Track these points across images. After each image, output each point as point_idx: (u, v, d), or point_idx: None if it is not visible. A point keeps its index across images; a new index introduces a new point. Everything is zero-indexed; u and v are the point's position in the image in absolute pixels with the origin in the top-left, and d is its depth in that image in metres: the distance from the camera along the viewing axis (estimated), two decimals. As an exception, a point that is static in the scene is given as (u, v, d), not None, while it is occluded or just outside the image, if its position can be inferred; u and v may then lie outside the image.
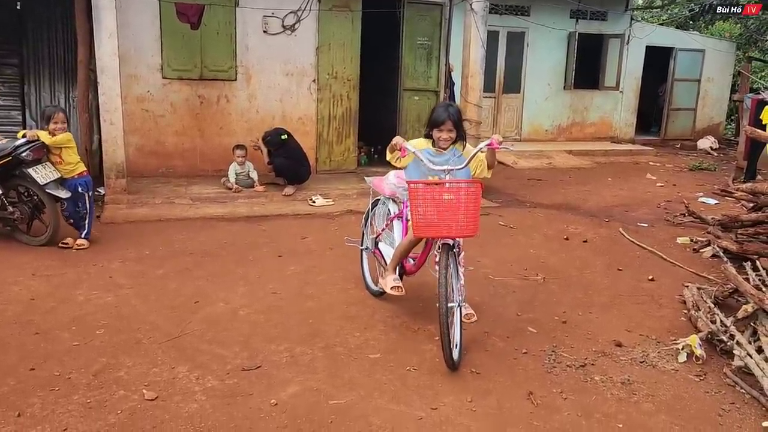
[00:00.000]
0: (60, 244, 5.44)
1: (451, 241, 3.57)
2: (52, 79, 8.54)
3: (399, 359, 3.63)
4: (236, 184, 7.64)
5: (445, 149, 3.79)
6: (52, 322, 3.96)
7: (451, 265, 3.54)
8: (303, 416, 3.02)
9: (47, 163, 5.39)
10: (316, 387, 3.30)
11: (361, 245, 4.69)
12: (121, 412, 3.00)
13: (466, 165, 3.70)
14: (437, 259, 3.60)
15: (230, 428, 2.91)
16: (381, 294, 4.39)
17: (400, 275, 4.16)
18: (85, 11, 7.01)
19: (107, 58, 6.71)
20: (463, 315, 3.64)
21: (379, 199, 4.51)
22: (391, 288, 3.93)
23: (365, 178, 4.87)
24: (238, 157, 7.72)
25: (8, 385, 3.19)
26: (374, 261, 4.60)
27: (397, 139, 3.78)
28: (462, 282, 3.64)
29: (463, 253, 3.72)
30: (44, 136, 5.35)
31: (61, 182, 5.43)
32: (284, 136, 7.68)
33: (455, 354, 3.49)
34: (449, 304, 3.48)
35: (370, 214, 4.60)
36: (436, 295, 3.52)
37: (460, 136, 3.80)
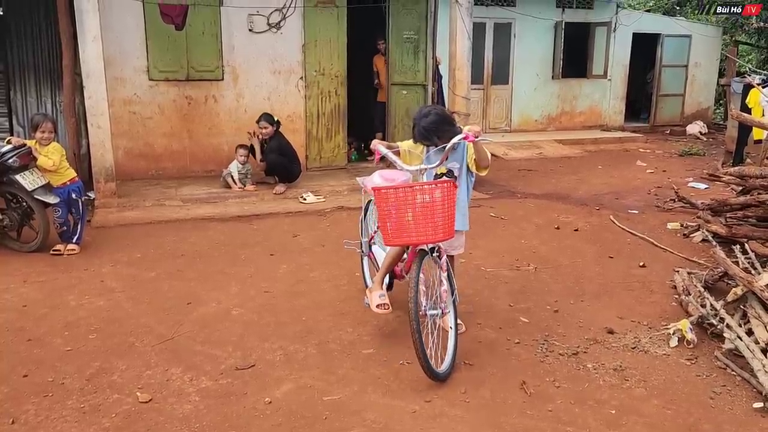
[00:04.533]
0: (51, 251, 5.42)
1: (426, 246, 3.40)
2: (38, 85, 8.50)
3: (392, 353, 3.64)
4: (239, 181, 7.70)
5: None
6: (44, 329, 3.95)
7: (434, 271, 3.40)
8: (297, 413, 3.04)
9: (34, 169, 5.37)
10: (310, 384, 3.31)
11: (360, 248, 4.46)
12: (115, 416, 3.00)
13: (438, 164, 3.50)
14: (413, 266, 3.39)
15: (225, 428, 2.92)
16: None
17: (391, 280, 4.00)
18: (68, 15, 6.96)
19: (92, 62, 6.68)
20: (449, 325, 3.52)
21: (371, 200, 4.26)
22: (377, 306, 3.66)
23: (356, 178, 4.70)
24: (241, 156, 7.71)
25: (2, 393, 3.19)
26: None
27: (373, 143, 3.64)
28: (445, 287, 3.46)
29: (444, 257, 3.47)
30: (44, 161, 5.34)
31: (49, 188, 5.41)
32: (276, 119, 7.71)
33: (443, 366, 3.35)
34: (430, 312, 3.39)
35: (362, 216, 4.40)
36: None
37: (453, 132, 3.53)
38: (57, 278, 4.86)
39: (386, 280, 3.89)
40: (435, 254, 3.47)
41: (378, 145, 3.61)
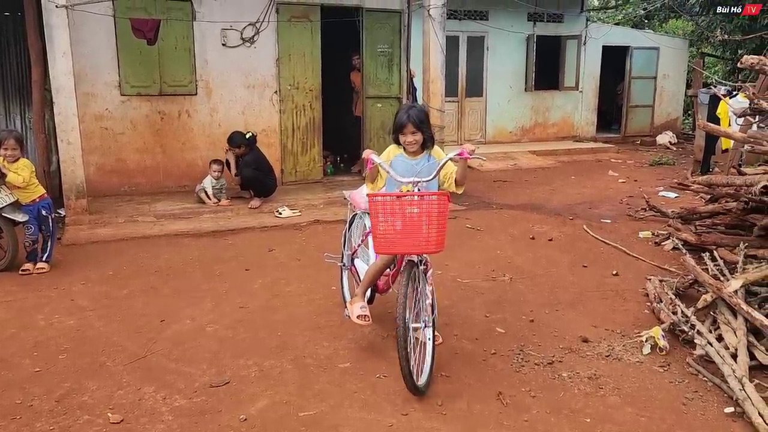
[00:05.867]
0: (20, 271, 5.30)
1: (415, 258, 3.40)
2: (6, 100, 8.36)
3: (369, 367, 3.63)
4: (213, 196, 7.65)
5: (414, 153, 3.61)
6: (12, 349, 3.86)
7: (420, 284, 3.39)
8: (273, 430, 3.00)
9: (2, 186, 5.27)
10: (286, 400, 3.28)
11: (341, 262, 4.38)
12: (85, 438, 2.94)
13: (435, 176, 3.46)
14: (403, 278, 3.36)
15: (199, 447, 2.87)
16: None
17: (373, 294, 3.99)
18: (37, 30, 6.89)
19: (62, 77, 6.60)
20: (427, 337, 3.46)
21: (356, 214, 4.24)
22: (357, 317, 3.64)
23: (343, 192, 4.67)
24: (215, 171, 7.66)
25: (-33, 417, 3.10)
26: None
27: (366, 152, 3.54)
28: (429, 301, 3.47)
29: (431, 270, 3.51)
30: (13, 177, 5.22)
31: (17, 206, 5.31)
32: (248, 135, 7.67)
33: (421, 379, 3.30)
34: (414, 325, 3.34)
35: (346, 229, 4.34)
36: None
37: (429, 138, 3.59)
38: (26, 297, 4.75)
39: (368, 293, 3.87)
40: (422, 267, 3.45)
41: (371, 155, 3.54)
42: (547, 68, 13.75)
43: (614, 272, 5.38)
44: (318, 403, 3.24)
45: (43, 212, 5.47)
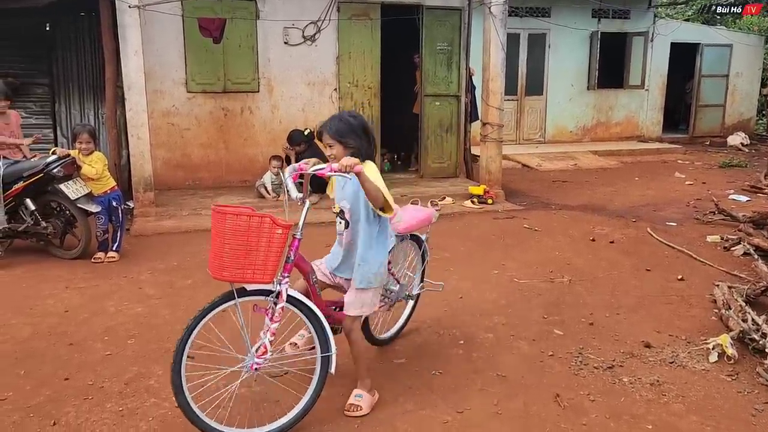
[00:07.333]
0: (92, 259, 5.57)
1: (250, 287, 2.92)
2: (81, 97, 8.79)
3: (424, 364, 3.63)
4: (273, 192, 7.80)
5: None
6: (85, 333, 4.06)
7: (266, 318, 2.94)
8: (330, 421, 3.05)
9: (77, 178, 5.55)
10: (342, 392, 3.31)
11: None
12: (152, 419, 3.06)
13: (302, 196, 3.12)
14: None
15: (258, 434, 2.94)
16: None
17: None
18: (111, 30, 7.19)
19: (133, 75, 6.88)
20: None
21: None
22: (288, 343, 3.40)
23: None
24: (274, 167, 7.83)
25: (44, 395, 3.29)
26: None
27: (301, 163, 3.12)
28: (267, 341, 2.94)
29: (281, 305, 2.91)
30: (87, 169, 5.52)
31: (91, 197, 5.58)
32: (307, 131, 7.75)
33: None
34: (247, 360, 2.97)
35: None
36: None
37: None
38: (97, 285, 4.99)
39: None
40: (271, 297, 2.94)
41: (295, 170, 3.11)
42: (611, 66, 13.38)
43: (679, 277, 5.19)
44: (373, 397, 3.27)
45: (114, 204, 5.74)
